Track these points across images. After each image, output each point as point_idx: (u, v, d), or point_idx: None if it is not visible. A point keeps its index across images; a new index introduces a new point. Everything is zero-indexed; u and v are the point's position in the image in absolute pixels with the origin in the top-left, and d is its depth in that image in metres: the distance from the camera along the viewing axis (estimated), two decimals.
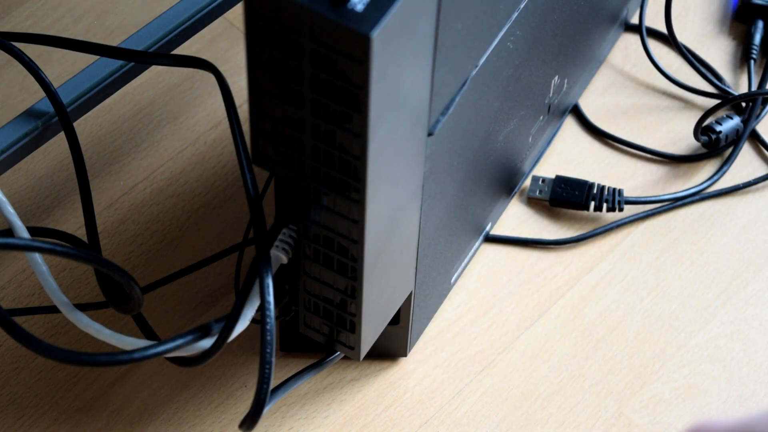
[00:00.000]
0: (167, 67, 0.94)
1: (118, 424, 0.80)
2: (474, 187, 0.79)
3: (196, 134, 0.92)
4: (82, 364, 0.65)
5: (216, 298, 0.85)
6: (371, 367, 0.83)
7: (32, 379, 0.81)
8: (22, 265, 0.85)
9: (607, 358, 0.83)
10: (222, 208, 0.89)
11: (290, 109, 0.61)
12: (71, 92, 0.79)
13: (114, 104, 0.93)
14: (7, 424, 0.80)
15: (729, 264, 0.87)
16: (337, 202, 0.64)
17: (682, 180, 0.91)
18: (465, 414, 0.81)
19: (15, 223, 0.69)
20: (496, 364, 0.83)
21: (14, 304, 0.84)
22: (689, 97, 0.95)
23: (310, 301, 0.72)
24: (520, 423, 0.81)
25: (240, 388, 0.82)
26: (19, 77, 0.93)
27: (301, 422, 0.81)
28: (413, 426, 0.81)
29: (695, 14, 1.00)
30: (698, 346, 0.84)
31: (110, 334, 0.68)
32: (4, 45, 0.78)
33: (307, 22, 0.55)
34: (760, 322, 0.85)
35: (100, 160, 0.90)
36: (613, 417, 0.81)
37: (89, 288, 0.85)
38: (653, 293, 0.86)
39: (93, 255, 0.64)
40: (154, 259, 0.86)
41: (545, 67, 0.83)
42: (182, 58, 0.80)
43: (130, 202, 0.89)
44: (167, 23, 0.83)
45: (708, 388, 0.82)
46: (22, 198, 0.88)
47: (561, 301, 0.86)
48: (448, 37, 0.63)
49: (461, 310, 0.85)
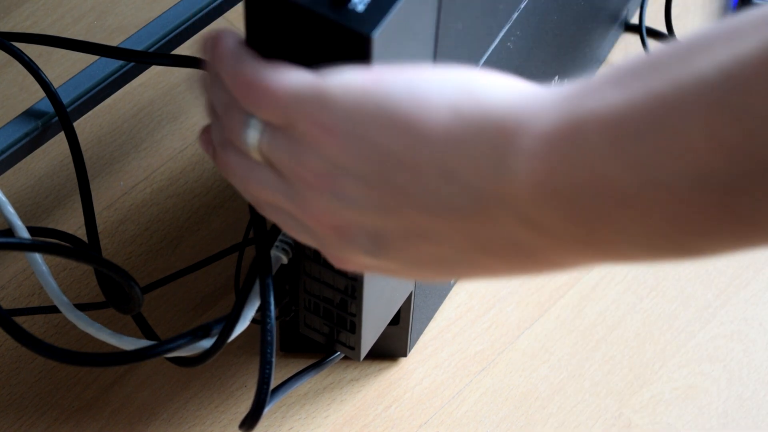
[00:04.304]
0: (167, 67, 0.94)
1: (118, 424, 0.80)
2: None
3: (196, 134, 0.92)
4: (82, 364, 0.65)
5: (216, 298, 0.85)
6: (371, 367, 0.83)
7: (32, 379, 0.81)
8: (22, 265, 0.85)
9: (607, 358, 0.83)
10: (222, 208, 0.89)
11: None
12: (71, 92, 0.79)
13: (114, 104, 0.93)
14: (7, 424, 0.80)
15: (729, 264, 0.87)
16: None
17: None
18: (465, 414, 0.81)
19: (15, 223, 0.69)
20: (496, 364, 0.83)
21: (14, 304, 0.84)
22: None
23: (310, 301, 0.72)
24: (520, 423, 0.81)
25: (240, 389, 0.82)
26: (19, 77, 0.93)
27: (301, 422, 0.81)
28: (413, 426, 0.81)
29: (695, 14, 1.00)
30: (698, 346, 0.84)
31: (110, 334, 0.68)
32: (4, 45, 0.78)
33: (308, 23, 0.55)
34: (760, 322, 0.85)
35: (100, 160, 0.90)
36: (613, 417, 0.81)
37: (89, 288, 0.85)
38: (653, 293, 0.86)
39: (93, 255, 0.64)
40: (154, 259, 0.86)
41: (545, 67, 0.82)
42: (182, 58, 0.80)
43: (130, 202, 0.89)
44: (167, 23, 0.83)
45: (708, 388, 0.82)
46: (22, 198, 0.88)
47: (561, 301, 0.86)
48: (448, 37, 0.63)
49: (461, 310, 0.85)
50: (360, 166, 0.51)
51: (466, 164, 0.48)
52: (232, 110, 0.55)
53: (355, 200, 0.51)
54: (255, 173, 0.55)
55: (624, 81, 0.46)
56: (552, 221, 0.47)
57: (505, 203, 0.48)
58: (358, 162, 0.51)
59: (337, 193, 0.52)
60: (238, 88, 0.54)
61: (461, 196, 0.49)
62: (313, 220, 0.53)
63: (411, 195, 0.50)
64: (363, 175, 0.51)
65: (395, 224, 0.51)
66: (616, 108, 0.45)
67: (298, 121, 0.52)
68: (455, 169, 0.48)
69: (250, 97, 0.53)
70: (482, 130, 0.48)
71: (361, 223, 0.52)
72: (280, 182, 0.54)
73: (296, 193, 0.53)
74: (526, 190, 0.47)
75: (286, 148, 0.53)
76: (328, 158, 0.51)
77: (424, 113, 0.49)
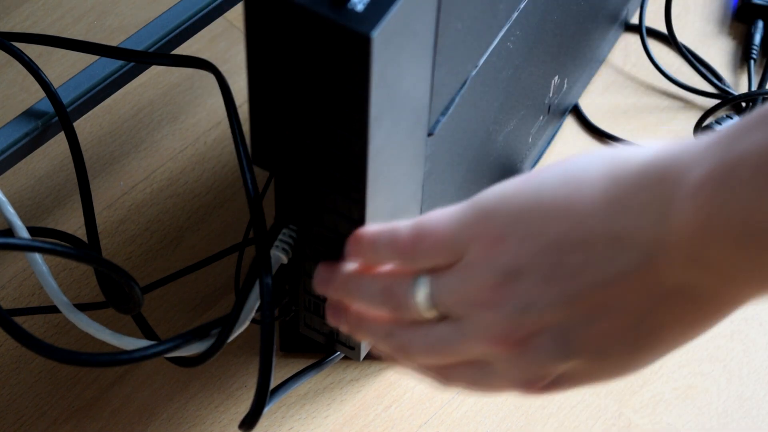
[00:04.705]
0: (167, 67, 0.94)
1: (118, 424, 0.80)
2: (474, 187, 0.79)
3: (196, 134, 0.92)
4: (82, 364, 0.65)
5: (216, 298, 0.85)
6: (371, 367, 0.83)
7: (32, 379, 0.81)
8: (22, 265, 0.85)
9: None
10: (222, 208, 0.89)
11: (290, 109, 0.61)
12: (71, 92, 0.79)
13: (114, 104, 0.93)
14: (7, 424, 0.80)
15: None
16: (338, 201, 0.64)
17: None
18: (465, 414, 0.81)
19: (15, 223, 0.69)
20: None
21: (14, 304, 0.84)
22: (689, 97, 0.96)
23: (310, 301, 0.72)
24: (520, 423, 0.81)
25: (240, 389, 0.82)
26: (19, 77, 0.93)
27: (301, 422, 0.81)
28: (413, 426, 0.81)
29: (695, 14, 1.00)
30: (698, 346, 0.84)
31: (110, 334, 0.68)
32: (4, 45, 0.78)
33: (307, 22, 0.55)
34: (760, 322, 0.85)
35: (100, 160, 0.90)
36: (613, 417, 0.81)
37: (89, 288, 0.85)
38: None
39: (93, 255, 0.64)
40: (154, 259, 0.86)
41: (545, 67, 0.82)
42: (182, 58, 0.80)
43: (130, 202, 0.89)
44: (167, 23, 0.83)
45: (708, 388, 0.82)
46: (22, 198, 0.88)
47: None
48: (448, 37, 0.63)
49: None
50: (533, 262, 0.52)
51: (632, 223, 0.51)
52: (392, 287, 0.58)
53: (533, 302, 0.53)
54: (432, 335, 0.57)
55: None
56: (718, 257, 0.49)
57: (672, 248, 0.50)
58: (530, 260, 0.53)
59: (515, 303, 0.53)
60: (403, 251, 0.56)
61: (631, 255, 0.51)
62: (496, 346, 0.54)
63: (585, 273, 0.52)
64: (537, 270, 0.52)
65: (576, 313, 0.53)
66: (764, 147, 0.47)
67: (467, 246, 0.54)
68: (621, 231, 0.51)
69: (417, 250, 0.56)
70: (643, 186, 0.51)
71: (542, 327, 0.53)
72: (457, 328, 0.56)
73: (475, 326, 0.55)
74: (690, 231, 0.49)
75: (457, 284, 0.55)
76: (501, 268, 0.53)
77: (582, 189, 0.52)
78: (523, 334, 0.54)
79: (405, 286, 0.57)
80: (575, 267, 0.52)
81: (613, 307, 0.52)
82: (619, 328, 0.53)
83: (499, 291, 0.53)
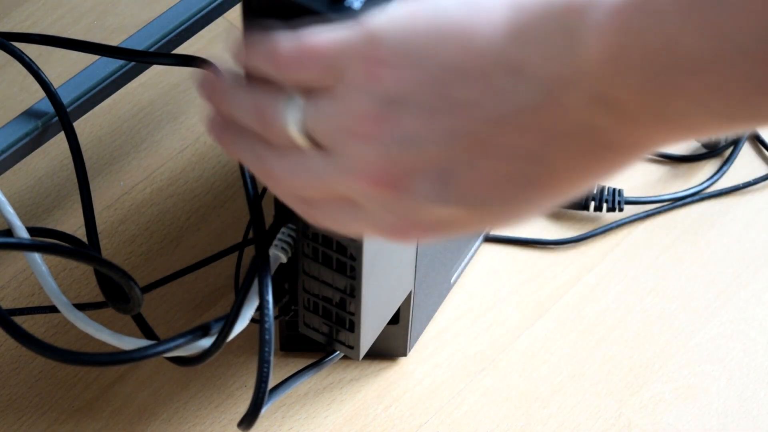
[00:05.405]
0: (167, 67, 0.94)
1: (118, 424, 0.80)
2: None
3: (196, 134, 0.92)
4: (82, 364, 0.65)
5: (216, 298, 0.85)
6: (371, 367, 0.83)
7: (32, 379, 0.81)
8: (22, 265, 0.85)
9: (607, 358, 0.83)
10: (222, 208, 0.89)
11: None
12: (71, 92, 0.80)
13: (114, 104, 0.93)
14: (7, 424, 0.80)
15: (729, 264, 0.87)
16: None
17: (682, 180, 0.91)
18: (465, 414, 0.81)
19: (15, 223, 0.69)
20: (496, 364, 0.83)
21: (14, 304, 0.84)
22: None
23: (309, 300, 0.72)
24: (520, 423, 0.81)
25: (240, 388, 0.82)
26: (19, 77, 0.93)
27: (301, 422, 0.81)
28: (413, 426, 0.81)
29: None
30: (698, 346, 0.84)
31: (110, 334, 0.68)
32: (4, 45, 0.78)
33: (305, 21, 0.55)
34: (760, 322, 0.85)
35: (100, 160, 0.90)
36: (613, 417, 0.81)
37: (89, 288, 0.85)
38: (653, 293, 0.86)
39: (93, 255, 0.64)
40: (154, 259, 0.86)
41: None
42: (182, 58, 0.80)
43: (130, 202, 0.89)
44: (167, 23, 0.83)
45: (708, 388, 0.82)
46: (22, 198, 0.88)
47: (561, 301, 0.86)
48: None
49: (461, 310, 0.85)
50: (419, 92, 0.47)
51: (535, 54, 0.45)
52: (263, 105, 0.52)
53: (413, 138, 0.48)
54: (301, 164, 0.51)
55: None
56: (625, 96, 0.44)
57: (576, 84, 0.45)
58: (416, 88, 0.47)
59: (394, 136, 0.48)
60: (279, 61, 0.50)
61: (531, 89, 0.45)
62: (368, 185, 0.49)
63: (479, 107, 0.46)
64: (423, 102, 0.47)
65: (461, 153, 0.47)
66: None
67: (347, 67, 0.48)
68: (523, 63, 0.45)
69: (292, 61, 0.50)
70: (547, 15, 0.45)
71: (422, 166, 0.48)
72: (328, 161, 0.50)
73: (347, 160, 0.50)
74: (598, 65, 0.44)
75: (332, 110, 0.49)
76: (382, 95, 0.48)
77: (480, 16, 0.46)
78: (399, 174, 0.48)
79: (276, 105, 0.51)
80: (466, 100, 0.46)
81: (503, 149, 0.47)
82: (505, 174, 0.48)
83: (378, 122, 0.48)
